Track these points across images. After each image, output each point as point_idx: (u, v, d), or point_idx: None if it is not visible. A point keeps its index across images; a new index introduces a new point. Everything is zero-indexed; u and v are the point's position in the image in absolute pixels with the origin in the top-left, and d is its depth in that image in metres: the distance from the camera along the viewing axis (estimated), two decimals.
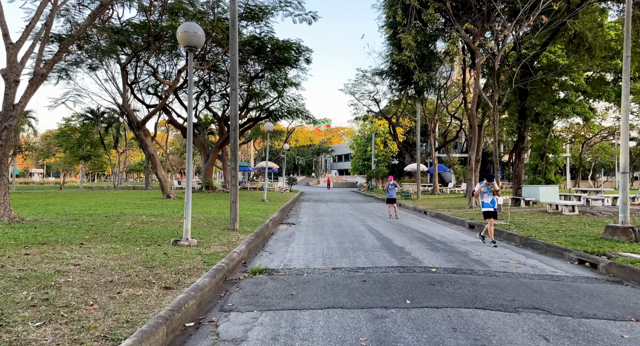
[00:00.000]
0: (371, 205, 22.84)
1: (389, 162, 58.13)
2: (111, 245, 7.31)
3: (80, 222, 10.23)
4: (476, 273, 6.38)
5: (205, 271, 5.83)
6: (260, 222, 12.09)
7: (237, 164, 10.34)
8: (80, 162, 39.60)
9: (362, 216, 16.17)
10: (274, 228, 12.42)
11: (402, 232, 11.31)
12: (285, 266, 6.94)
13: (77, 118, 38.46)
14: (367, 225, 13.10)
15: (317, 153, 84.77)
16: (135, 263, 5.89)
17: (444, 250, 8.46)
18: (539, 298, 5.02)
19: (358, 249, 8.53)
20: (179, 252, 6.98)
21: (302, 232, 11.40)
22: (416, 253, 8.10)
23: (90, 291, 4.50)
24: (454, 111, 40.22)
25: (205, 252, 7.23)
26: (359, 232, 11.23)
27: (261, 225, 11.17)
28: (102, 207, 14.80)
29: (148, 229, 9.46)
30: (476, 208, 17.72)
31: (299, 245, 9.03)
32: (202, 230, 9.77)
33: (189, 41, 7.95)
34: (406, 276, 6.10)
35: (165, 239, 8.26)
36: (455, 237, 10.65)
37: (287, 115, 29.24)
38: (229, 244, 8.14)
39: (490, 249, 8.75)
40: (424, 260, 7.34)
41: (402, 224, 13.39)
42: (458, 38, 15.95)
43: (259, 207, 17.96)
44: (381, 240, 9.76)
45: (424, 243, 9.33)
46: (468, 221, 13.36)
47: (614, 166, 49.53)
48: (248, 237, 9.17)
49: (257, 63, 26.15)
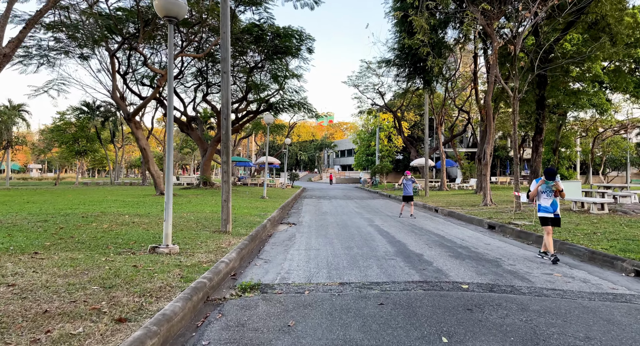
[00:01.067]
0: (377, 202, 21.59)
1: (393, 157, 56.81)
2: (72, 254, 6.09)
3: (50, 223, 9.02)
4: (520, 292, 5.13)
5: (180, 290, 4.60)
6: (257, 222, 10.86)
7: (229, 158, 9.10)
8: (77, 157, 38.45)
9: (369, 215, 14.92)
10: (273, 229, 11.20)
11: (416, 235, 10.05)
12: (282, 280, 5.71)
13: (73, 112, 37.30)
14: (376, 225, 11.85)
15: (319, 148, 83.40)
16: (90, 282, 4.66)
17: (470, 258, 7.20)
18: (619, 334, 3.76)
19: (369, 256, 7.28)
20: (153, 263, 5.75)
21: (304, 233, 10.17)
22: (438, 262, 6.84)
23: (6, 330, 3.27)
24: (461, 104, 38.80)
25: (187, 262, 6.00)
26: (367, 234, 9.98)
27: (258, 226, 9.95)
28: (85, 206, 13.60)
29: (126, 232, 8.24)
30: (492, 206, 16.45)
31: (299, 251, 7.80)
32: (188, 233, 8.55)
33: (167, 11, 6.68)
34: (434, 297, 4.85)
35: (142, 245, 7.04)
36: (478, 240, 9.39)
37: (289, 108, 27.93)
38: (218, 251, 6.92)
39: (524, 255, 7.49)
40: (449, 272, 6.09)
41: (415, 224, 12.13)
42: (473, 21, 14.58)
43: (257, 204, 16.74)
44: (394, 245, 8.51)
45: (444, 249, 8.07)
46: (487, 221, 12.09)
47: (625, 161, 47.98)
48: (241, 241, 7.94)
49: (257, 53, 24.83)
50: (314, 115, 44.52)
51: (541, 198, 7.25)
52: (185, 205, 14.82)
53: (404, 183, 14.14)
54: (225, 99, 9.07)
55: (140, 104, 20.23)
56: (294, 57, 23.75)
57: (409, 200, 14.10)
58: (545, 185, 7.16)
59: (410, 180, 14.12)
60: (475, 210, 15.09)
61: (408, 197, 14.08)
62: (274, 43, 23.04)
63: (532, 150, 18.58)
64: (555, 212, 7.15)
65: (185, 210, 13.05)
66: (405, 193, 14.12)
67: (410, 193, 14.05)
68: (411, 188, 14.07)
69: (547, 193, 7.19)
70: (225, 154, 9.05)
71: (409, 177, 14.17)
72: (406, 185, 14.09)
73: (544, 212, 7.21)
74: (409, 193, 14.05)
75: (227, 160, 9.07)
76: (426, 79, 19.31)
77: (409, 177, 14.17)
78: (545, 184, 7.17)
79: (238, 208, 14.75)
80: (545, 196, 7.20)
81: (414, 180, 14.24)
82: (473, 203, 18.35)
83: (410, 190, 14.04)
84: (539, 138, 18.17)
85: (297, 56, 23.77)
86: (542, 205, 7.24)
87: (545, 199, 7.21)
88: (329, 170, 76.95)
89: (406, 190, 14.07)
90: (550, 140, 33.63)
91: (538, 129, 18.32)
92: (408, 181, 14.11)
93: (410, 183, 14.08)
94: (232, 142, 47.47)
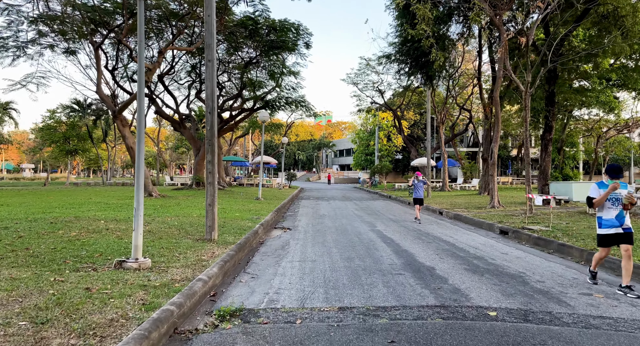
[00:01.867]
0: (377, 204, 20.63)
1: (393, 156, 55.90)
2: (17, 271, 5.09)
3: (10, 231, 8.00)
4: (561, 321, 4.16)
5: (137, 324, 3.62)
6: (248, 227, 9.87)
7: (215, 156, 8.10)
8: (68, 156, 37.34)
9: (370, 218, 13.95)
10: (266, 234, 10.21)
11: (423, 242, 9.08)
12: (270, 302, 4.73)
13: (63, 110, 36.20)
14: (378, 230, 10.87)
15: (317, 148, 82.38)
16: (20, 314, 3.66)
17: (489, 272, 6.23)
18: None
19: (372, 270, 6.31)
20: (113, 284, 4.76)
21: (299, 240, 9.19)
22: (454, 278, 5.87)
23: None
24: (462, 103, 37.86)
25: (156, 280, 5.01)
26: (369, 242, 9.00)
27: (248, 233, 8.97)
28: (61, 209, 12.57)
29: (94, 242, 7.24)
30: (499, 208, 15.51)
31: (292, 263, 6.82)
32: (167, 242, 7.56)
33: None
34: (457, 330, 3.87)
35: (109, 258, 6.05)
36: (492, 248, 8.42)
37: (286, 106, 26.91)
38: (197, 265, 5.94)
39: (550, 268, 6.52)
40: (470, 293, 5.11)
41: (420, 230, 11.15)
42: (480, 11, 13.61)
43: (251, 207, 15.75)
44: (400, 255, 7.53)
45: (457, 260, 7.10)
46: (498, 225, 11.14)
47: (629, 161, 47.12)
48: (227, 251, 6.96)
49: (252, 49, 23.81)
50: (312, 114, 43.60)
51: (604, 209, 5.37)
52: (173, 208, 13.82)
53: (415, 184, 13.01)
54: (210, 90, 8.07)
55: (127, 100, 19.19)
56: (291, 52, 22.75)
57: (420, 203, 12.98)
58: (612, 192, 5.28)
59: (422, 182, 12.97)
60: (483, 213, 14.14)
61: (419, 199, 12.94)
62: (270, 37, 22.05)
63: (540, 149, 17.65)
64: (625, 224, 5.26)
65: (171, 214, 12.05)
66: (416, 195, 12.97)
67: (422, 196, 12.94)
68: (422, 190, 12.98)
69: (613, 201, 5.31)
70: (210, 152, 8.05)
71: (421, 178, 13.02)
72: (417, 187, 12.94)
73: (608, 227, 5.31)
74: (419, 195, 12.91)
75: (212, 159, 8.08)
76: (429, 74, 18.33)
77: (421, 178, 13.02)
78: (611, 189, 5.25)
79: (229, 211, 13.77)
80: (610, 205, 5.32)
81: (425, 182, 13.12)
82: (479, 205, 17.41)
83: (422, 193, 12.95)
84: (548, 137, 17.22)
85: (294, 51, 22.77)
86: (606, 219, 5.34)
87: (611, 209, 5.32)
88: (327, 170, 76.03)
89: (417, 192, 12.92)
90: (555, 138, 32.71)
91: (547, 127, 17.38)
92: (419, 182, 12.93)
93: (421, 184, 12.95)
94: (228, 142, 46.43)
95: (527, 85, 12.60)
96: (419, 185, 12.91)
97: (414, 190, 13.12)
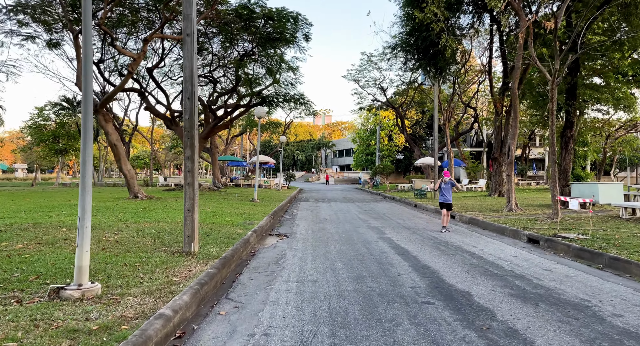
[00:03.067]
0: (382, 206, 19.22)
1: (394, 156, 54.56)
2: None
3: None
4: None
5: None
6: (238, 235, 8.46)
7: (196, 152, 6.68)
8: (57, 156, 35.83)
9: (377, 223, 12.53)
10: (259, 243, 8.80)
11: (445, 254, 7.66)
12: None
13: (52, 107, 34.69)
14: (388, 239, 9.46)
15: (317, 148, 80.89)
16: None
17: (544, 300, 4.81)
18: None
19: (391, 296, 4.90)
20: (30, 327, 3.34)
21: (297, 251, 7.78)
22: (502, 310, 4.45)
23: None
24: (467, 101, 36.48)
25: (98, 319, 3.60)
26: (380, 253, 7.59)
27: (237, 242, 7.56)
28: (27, 213, 11.12)
29: (39, 258, 5.80)
30: (518, 212, 14.10)
31: (289, 285, 5.40)
32: (135, 257, 6.13)
33: None
34: None
35: (48, 282, 4.63)
36: (529, 262, 7.00)
37: (284, 103, 25.45)
38: (163, 291, 4.53)
39: (616, 292, 5.12)
40: (535, 338, 3.69)
41: (437, 237, 9.74)
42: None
43: (245, 210, 14.32)
44: (422, 273, 6.12)
45: (495, 281, 5.69)
46: (524, 232, 9.73)
47: (638, 161, 45.76)
48: (207, 269, 5.56)
49: (248, 43, 22.38)
50: (312, 113, 42.18)
51: None
52: (155, 212, 12.39)
53: (442, 187, 10.94)
54: (188, 72, 6.64)
55: (110, 93, 17.77)
56: (289, 44, 21.31)
57: (448, 208, 10.83)
58: None
59: (450, 183, 10.94)
60: (502, 217, 12.73)
61: (447, 204, 10.80)
62: (267, 29, 20.62)
63: (560, 147, 16.26)
64: None
65: (151, 219, 10.62)
66: (443, 199, 10.88)
67: (450, 200, 10.87)
68: (450, 194, 10.92)
69: None
70: (189, 146, 6.63)
71: (448, 179, 10.91)
72: (444, 190, 10.87)
73: None
74: (448, 200, 10.80)
75: (192, 155, 6.65)
76: (438, 65, 16.92)
77: (448, 179, 10.91)
78: None
79: (220, 214, 12.35)
80: None
81: (454, 183, 11.08)
82: (493, 207, 16.01)
83: (450, 196, 10.89)
84: (569, 134, 15.83)
85: (292, 43, 21.33)
86: None
87: None
88: (326, 170, 74.66)
89: (444, 196, 10.85)
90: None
91: (568, 123, 15.99)
92: (447, 184, 10.91)
93: (449, 187, 10.91)
94: (224, 141, 44.94)
95: (554, 74, 11.19)
96: (447, 187, 10.91)
97: (440, 193, 11.07)
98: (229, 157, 37.32)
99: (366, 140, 55.86)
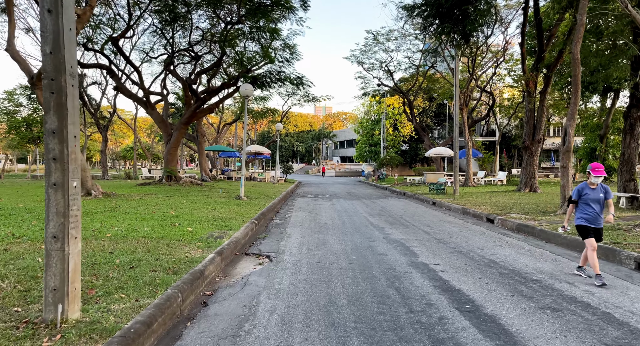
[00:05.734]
0: (395, 204, 15.87)
1: (399, 147, 51.17)
2: None
3: None
4: None
5: None
6: (188, 262, 5.17)
7: (66, 120, 3.33)
8: (29, 145, 32.47)
9: (397, 232, 9.19)
10: (223, 272, 5.50)
11: (535, 304, 4.33)
12: None
13: (23, 91, 31.24)
14: (424, 265, 6.13)
15: (317, 139, 77.18)
16: None
17: None
18: None
19: None
20: None
21: (279, 299, 4.46)
22: None
23: None
24: (483, 85, 33.01)
25: None
26: (426, 309, 4.27)
27: (175, 284, 4.29)
28: None
29: None
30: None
31: None
32: None
33: None
34: None
35: None
36: None
37: (278, 82, 21.93)
38: None
39: None
40: None
41: (495, 260, 6.40)
42: None
43: (222, 212, 10.99)
44: None
45: None
46: (625, 252, 6.43)
47: None
48: None
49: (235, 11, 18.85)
50: (311, 99, 38.59)
51: None
52: (94, 220, 9.04)
53: (585, 195, 5.56)
54: None
55: None
56: (283, 10, 17.78)
57: (598, 237, 5.54)
58: None
59: (602, 189, 5.57)
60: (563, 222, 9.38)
61: (597, 231, 5.53)
62: None
63: (623, 132, 12.87)
64: None
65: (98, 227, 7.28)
66: (586, 221, 5.51)
67: (602, 224, 5.54)
68: (602, 212, 5.57)
69: None
70: (56, 110, 3.28)
71: (600, 180, 5.57)
72: (591, 202, 5.53)
73: None
74: (598, 222, 5.51)
75: (60, 128, 3.30)
76: (466, 28, 13.46)
77: (600, 180, 5.57)
78: None
79: (184, 220, 9.05)
80: None
81: (607, 189, 5.59)
82: (538, 207, 12.69)
83: (601, 219, 5.54)
84: (636, 114, 12.40)
85: (287, 10, 17.81)
86: None
87: None
88: (327, 162, 71.30)
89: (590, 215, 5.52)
90: (594, 124, 27.90)
91: (635, 100, 12.56)
92: (595, 192, 5.55)
93: (600, 196, 5.53)
94: (216, 129, 41.47)
95: None
96: (596, 196, 5.53)
97: (578, 208, 5.68)
98: (220, 146, 33.89)
99: (369, 130, 52.35)
